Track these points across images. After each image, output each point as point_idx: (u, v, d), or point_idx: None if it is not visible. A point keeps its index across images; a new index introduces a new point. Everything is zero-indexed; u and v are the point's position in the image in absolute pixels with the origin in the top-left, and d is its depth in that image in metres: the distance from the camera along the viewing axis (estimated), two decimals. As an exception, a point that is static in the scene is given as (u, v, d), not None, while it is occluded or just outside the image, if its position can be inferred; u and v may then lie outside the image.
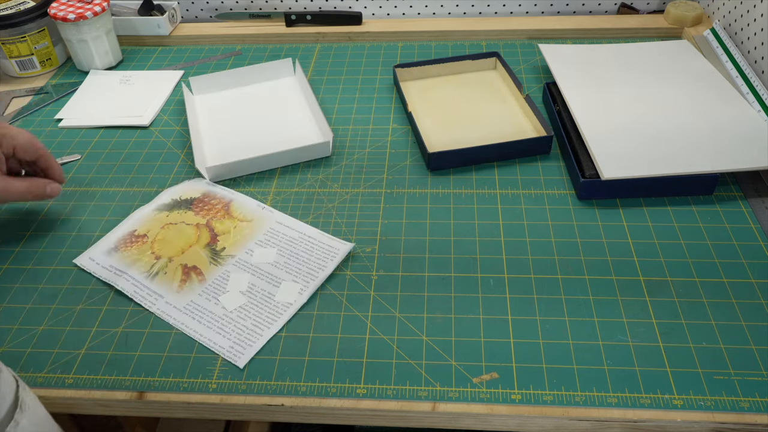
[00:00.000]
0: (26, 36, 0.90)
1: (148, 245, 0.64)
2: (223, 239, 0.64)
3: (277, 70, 0.89)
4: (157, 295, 0.59)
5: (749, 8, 0.83)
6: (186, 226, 0.66)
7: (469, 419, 0.50)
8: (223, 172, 0.72)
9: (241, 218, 0.67)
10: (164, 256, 0.63)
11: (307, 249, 0.63)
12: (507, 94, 0.82)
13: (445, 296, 0.58)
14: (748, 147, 0.67)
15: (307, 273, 0.60)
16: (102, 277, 0.61)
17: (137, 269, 0.61)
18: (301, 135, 0.78)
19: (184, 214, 0.67)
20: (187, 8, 1.08)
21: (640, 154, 0.67)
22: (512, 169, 0.72)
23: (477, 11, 1.04)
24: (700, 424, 0.48)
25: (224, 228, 0.66)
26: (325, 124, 0.76)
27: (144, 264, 0.62)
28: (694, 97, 0.75)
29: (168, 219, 0.67)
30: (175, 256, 0.63)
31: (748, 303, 0.56)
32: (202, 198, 0.69)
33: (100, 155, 0.78)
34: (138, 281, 0.60)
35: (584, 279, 0.58)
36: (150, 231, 0.66)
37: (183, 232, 0.65)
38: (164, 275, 0.61)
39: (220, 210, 0.68)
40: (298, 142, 0.75)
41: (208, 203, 0.69)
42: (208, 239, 0.64)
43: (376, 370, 0.52)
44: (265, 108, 0.84)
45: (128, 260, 0.62)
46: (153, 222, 0.67)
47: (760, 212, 0.64)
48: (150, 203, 0.70)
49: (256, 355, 0.54)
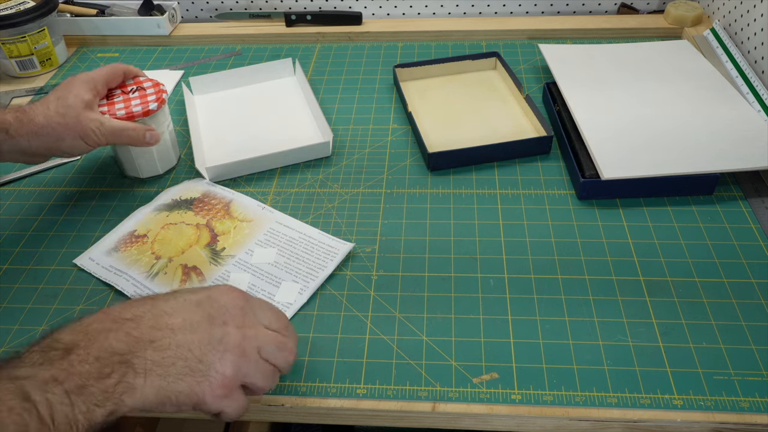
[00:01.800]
0: (26, 36, 0.90)
1: (148, 245, 0.64)
2: (223, 239, 0.64)
3: (277, 70, 0.89)
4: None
5: (749, 8, 0.83)
6: (186, 226, 0.66)
7: (469, 419, 0.50)
8: (224, 172, 0.72)
9: (242, 218, 0.67)
10: (164, 257, 0.63)
11: (308, 249, 0.63)
12: (507, 94, 0.82)
13: (445, 296, 0.58)
14: (748, 147, 0.67)
15: (307, 273, 0.60)
16: (102, 277, 0.61)
17: (137, 269, 0.61)
18: (302, 135, 0.78)
19: (184, 214, 0.67)
20: (187, 8, 1.08)
21: (640, 154, 0.67)
22: (512, 169, 0.72)
23: (477, 11, 1.04)
24: (700, 424, 0.48)
25: (224, 228, 0.65)
26: (325, 124, 0.75)
27: (144, 264, 0.62)
28: (694, 97, 0.75)
29: (168, 219, 0.67)
30: (175, 256, 0.62)
31: (748, 303, 0.56)
32: (202, 198, 0.69)
33: (100, 155, 0.78)
34: (138, 281, 0.60)
35: (584, 279, 0.58)
36: (150, 231, 0.65)
37: (183, 232, 0.65)
38: (164, 275, 0.61)
39: (221, 210, 0.68)
40: (299, 142, 0.75)
41: (208, 203, 0.69)
42: (208, 239, 0.64)
43: (376, 370, 0.52)
44: (265, 108, 0.84)
45: (128, 260, 0.62)
46: (153, 222, 0.67)
47: (760, 212, 0.64)
48: (150, 203, 0.69)
49: (256, 355, 0.54)
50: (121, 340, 0.40)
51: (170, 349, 0.41)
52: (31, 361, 0.37)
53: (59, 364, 0.37)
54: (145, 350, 0.40)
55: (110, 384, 0.38)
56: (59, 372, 0.37)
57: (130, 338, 0.40)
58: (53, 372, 0.36)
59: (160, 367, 0.40)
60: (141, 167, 0.72)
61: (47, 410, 0.35)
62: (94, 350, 0.39)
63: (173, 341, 0.41)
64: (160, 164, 0.73)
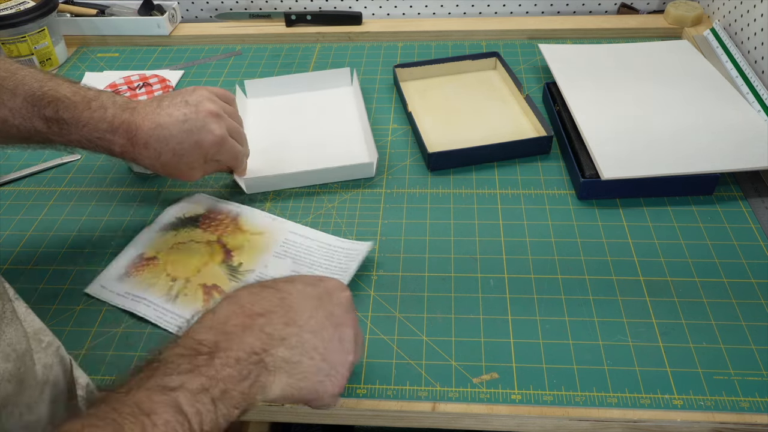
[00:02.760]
0: (26, 36, 0.90)
1: (161, 267, 0.61)
2: (237, 254, 0.62)
3: (335, 78, 0.85)
4: (183, 318, 0.56)
5: (749, 8, 0.83)
6: (196, 244, 0.64)
7: (469, 419, 0.50)
8: (260, 185, 0.69)
9: (253, 231, 0.65)
10: (180, 277, 0.60)
11: (327, 256, 0.61)
12: (507, 94, 0.82)
13: (445, 296, 0.58)
14: (748, 147, 0.67)
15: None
16: (118, 304, 0.58)
17: (154, 293, 0.59)
18: (346, 152, 0.74)
19: (192, 232, 0.65)
20: (187, 8, 1.08)
21: (640, 154, 0.67)
22: (512, 169, 0.72)
23: (477, 11, 1.04)
24: (700, 424, 0.48)
25: (237, 243, 0.63)
26: (372, 142, 0.72)
27: (161, 287, 0.59)
28: (694, 97, 0.75)
29: (176, 238, 0.64)
30: (191, 276, 0.60)
31: (748, 303, 0.56)
32: (207, 214, 0.67)
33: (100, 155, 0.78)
34: (158, 305, 0.58)
35: (584, 279, 0.58)
36: (159, 252, 0.63)
37: (195, 251, 0.63)
38: (185, 297, 0.58)
39: (229, 225, 0.65)
40: (342, 159, 0.72)
41: (215, 218, 0.66)
42: (222, 256, 0.62)
43: (376, 370, 0.52)
44: (315, 118, 0.80)
45: (143, 284, 0.60)
46: (160, 243, 0.64)
47: (760, 212, 0.64)
48: (153, 224, 0.66)
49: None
50: (258, 338, 0.41)
51: (299, 348, 0.42)
52: (178, 368, 0.37)
53: (206, 371, 0.38)
54: (278, 348, 0.41)
55: (247, 386, 0.39)
56: (207, 380, 0.37)
57: (264, 335, 0.41)
58: (202, 381, 0.37)
59: (288, 365, 0.41)
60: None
61: (197, 419, 0.36)
62: (234, 352, 0.39)
63: (301, 339, 0.42)
64: None
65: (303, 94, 0.85)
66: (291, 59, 0.95)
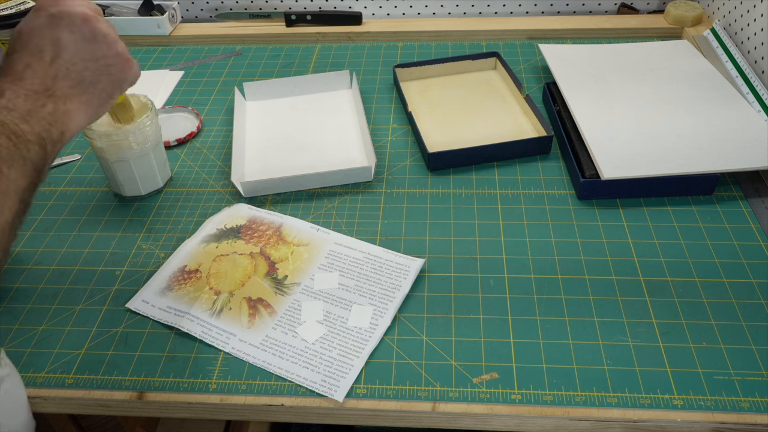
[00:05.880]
0: (26, 36, 0.90)
1: (203, 281, 0.60)
2: (282, 267, 0.61)
3: (334, 81, 0.85)
4: (228, 333, 0.55)
5: (749, 8, 0.83)
6: (239, 256, 0.62)
7: (469, 419, 0.50)
8: (259, 188, 0.69)
9: (297, 242, 0.63)
10: (224, 291, 0.59)
11: (376, 269, 0.60)
12: (507, 94, 0.82)
13: (445, 296, 0.58)
14: (748, 147, 0.67)
15: (383, 294, 0.57)
16: (161, 319, 0.57)
17: (199, 307, 0.57)
18: (345, 155, 0.74)
19: (234, 243, 0.63)
20: (187, 8, 1.08)
21: (640, 154, 0.67)
22: (512, 169, 0.72)
23: (477, 11, 1.04)
24: (700, 424, 0.48)
25: (281, 255, 0.62)
26: (370, 145, 0.72)
27: (204, 301, 0.58)
28: (694, 97, 0.75)
29: (218, 251, 0.63)
30: (235, 290, 0.59)
31: (748, 303, 0.56)
32: (249, 225, 0.65)
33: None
34: (203, 320, 0.56)
35: (584, 279, 0.58)
36: (202, 265, 0.61)
37: (238, 263, 0.61)
38: (229, 311, 0.57)
39: (272, 236, 0.64)
40: (340, 163, 0.72)
41: (257, 229, 0.65)
42: (266, 268, 0.61)
43: (376, 370, 0.52)
44: (313, 121, 0.80)
45: (186, 299, 0.58)
46: (202, 255, 0.62)
47: (760, 212, 0.64)
48: (194, 235, 0.65)
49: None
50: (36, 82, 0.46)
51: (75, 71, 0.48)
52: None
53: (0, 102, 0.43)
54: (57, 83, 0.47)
55: (49, 111, 0.45)
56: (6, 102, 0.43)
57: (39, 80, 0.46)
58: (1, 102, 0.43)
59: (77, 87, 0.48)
60: (122, 184, 0.69)
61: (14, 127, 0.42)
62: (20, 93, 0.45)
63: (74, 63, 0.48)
64: (142, 184, 0.69)
65: (302, 97, 0.85)
66: (291, 59, 0.95)
